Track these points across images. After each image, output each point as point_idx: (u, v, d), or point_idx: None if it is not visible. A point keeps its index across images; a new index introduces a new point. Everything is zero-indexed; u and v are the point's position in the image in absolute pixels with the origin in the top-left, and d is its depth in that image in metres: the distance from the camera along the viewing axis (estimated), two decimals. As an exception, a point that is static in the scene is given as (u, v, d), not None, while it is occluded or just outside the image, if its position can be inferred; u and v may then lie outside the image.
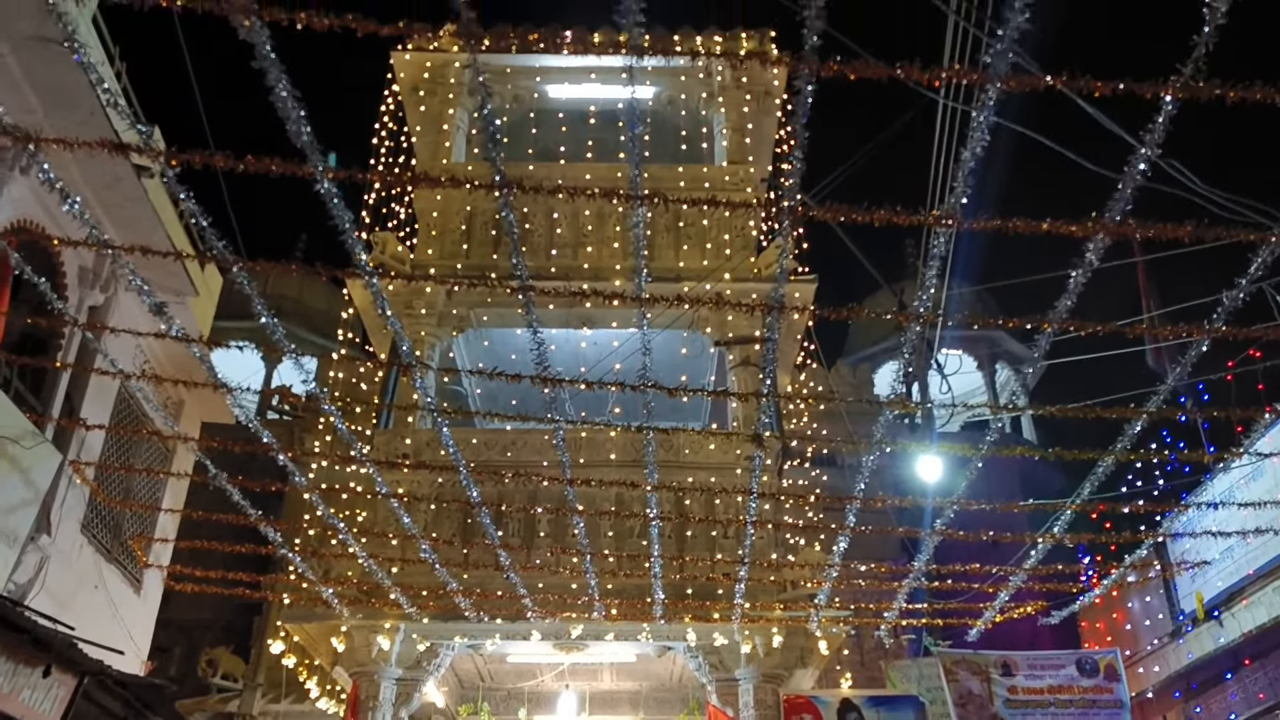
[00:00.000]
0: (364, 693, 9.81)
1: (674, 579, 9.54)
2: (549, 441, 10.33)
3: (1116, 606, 11.14)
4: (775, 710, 9.74)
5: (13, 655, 5.23)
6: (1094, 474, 6.44)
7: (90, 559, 7.78)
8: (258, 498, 7.58)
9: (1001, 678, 9.68)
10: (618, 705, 13.10)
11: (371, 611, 9.69)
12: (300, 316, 16.47)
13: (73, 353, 7.36)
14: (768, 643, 9.80)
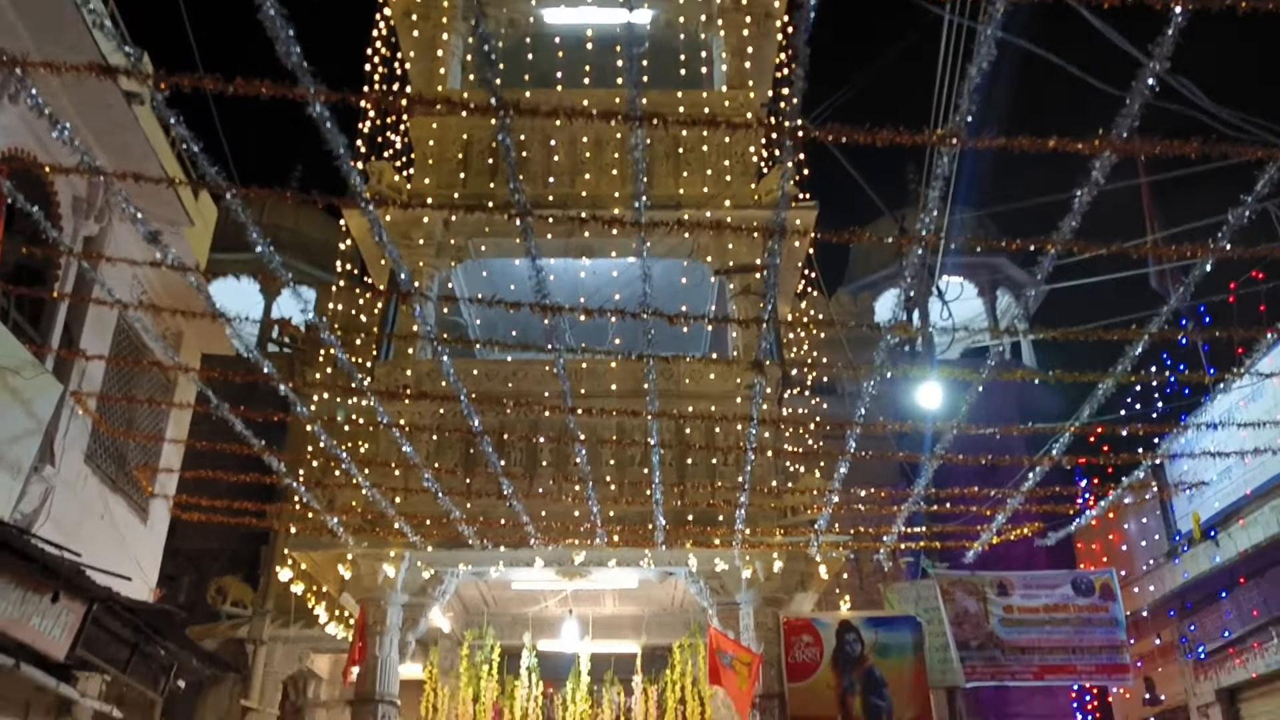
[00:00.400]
0: (371, 618, 9.96)
1: (675, 506, 9.62)
2: (549, 372, 10.35)
3: (1113, 528, 11.26)
4: (775, 632, 9.90)
5: (21, 582, 5.29)
6: (1094, 396, 6.45)
7: (95, 489, 7.83)
8: (260, 428, 7.60)
9: (997, 597, 9.82)
10: (620, 629, 13.32)
11: (376, 540, 9.79)
12: (297, 248, 16.36)
13: (70, 284, 7.32)
14: (768, 567, 9.93)
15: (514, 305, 6.07)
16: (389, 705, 9.70)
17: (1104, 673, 9.55)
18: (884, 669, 9.78)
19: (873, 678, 9.76)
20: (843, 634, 9.94)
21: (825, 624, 10.01)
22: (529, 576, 10.92)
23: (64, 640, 5.88)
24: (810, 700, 9.67)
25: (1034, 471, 7.91)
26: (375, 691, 9.66)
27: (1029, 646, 9.61)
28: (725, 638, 9.81)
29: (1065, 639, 9.60)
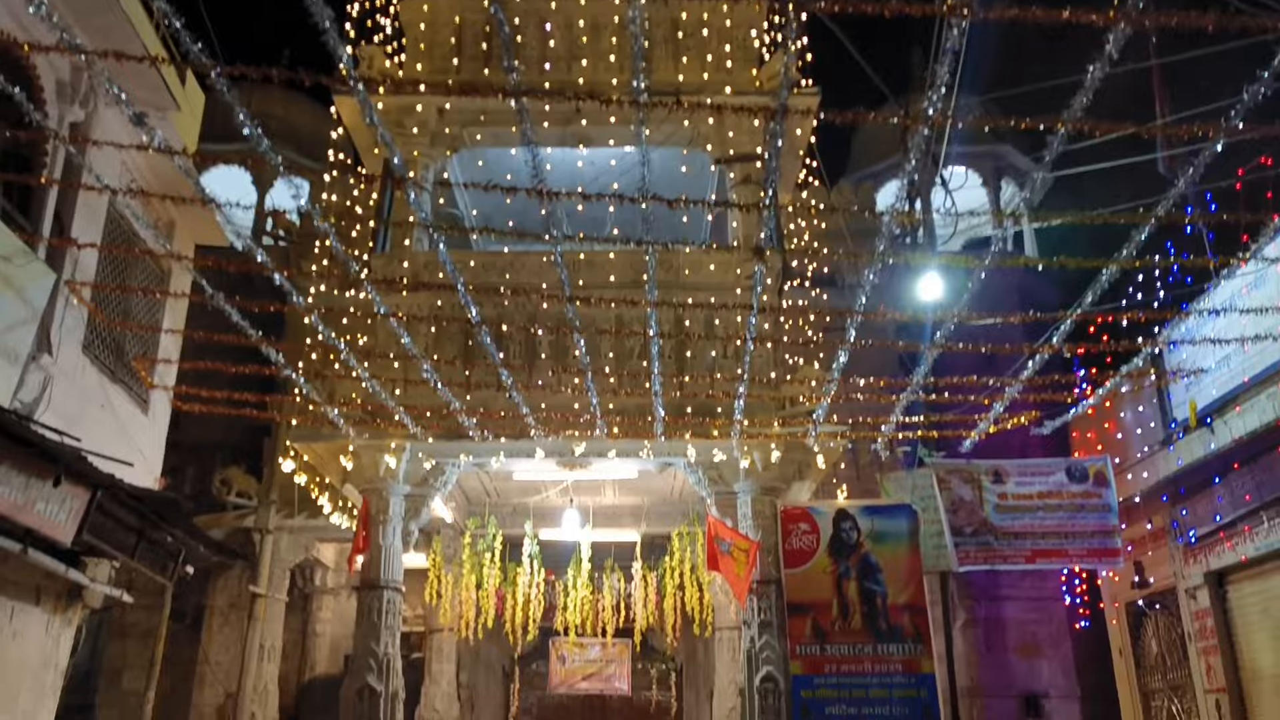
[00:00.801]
0: (374, 508, 10.10)
1: (674, 397, 9.65)
2: (547, 264, 10.27)
3: (1109, 417, 11.34)
4: (773, 521, 10.05)
5: (23, 468, 5.32)
6: (1096, 282, 6.39)
7: (95, 379, 7.83)
8: (257, 319, 7.57)
9: (992, 485, 9.95)
10: (620, 519, 13.53)
11: (377, 432, 9.85)
12: (287, 138, 16.03)
13: (58, 171, 7.18)
14: (766, 458, 10.02)
15: (510, 190, 5.96)
16: (394, 591, 9.90)
17: (1095, 557, 9.74)
18: (879, 555, 9.96)
19: (868, 563, 9.95)
20: (839, 522, 10.09)
21: (822, 512, 10.16)
22: (529, 468, 11.04)
23: (70, 525, 5.96)
24: (806, 585, 9.88)
25: (1033, 360, 7.90)
26: (380, 578, 9.85)
27: (1022, 532, 9.78)
28: (724, 526, 9.95)
29: (1058, 524, 9.77)
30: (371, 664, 9.55)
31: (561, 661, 13.41)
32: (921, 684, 9.55)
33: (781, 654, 9.58)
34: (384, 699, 9.46)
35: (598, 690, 13.76)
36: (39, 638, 7.89)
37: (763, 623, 9.69)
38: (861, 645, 9.67)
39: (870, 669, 9.59)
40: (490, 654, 15.03)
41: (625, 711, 15.35)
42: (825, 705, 9.50)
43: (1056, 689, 13.98)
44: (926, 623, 9.74)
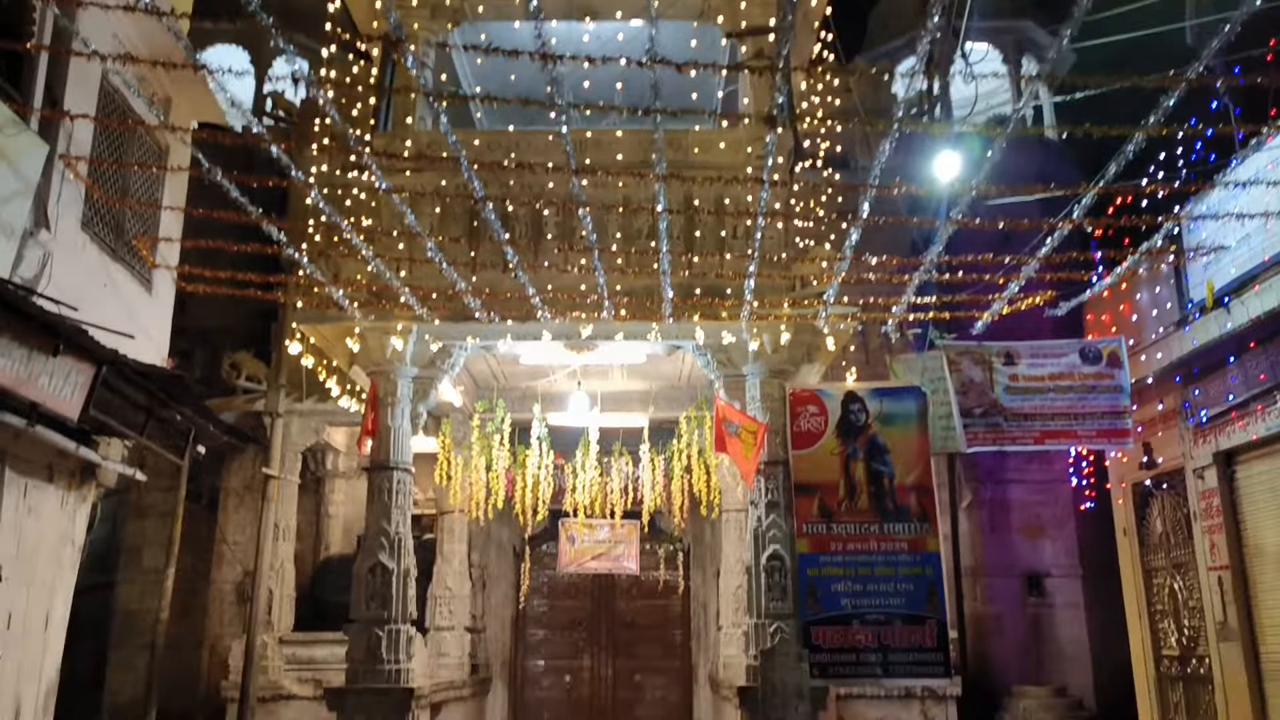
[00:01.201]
0: (382, 390, 10.10)
1: (682, 278, 9.54)
2: (553, 142, 10.02)
3: (1123, 298, 11.19)
4: (781, 403, 10.03)
5: (23, 341, 5.27)
6: (1121, 152, 6.19)
7: (96, 257, 7.74)
8: (258, 196, 7.42)
9: (1004, 367, 9.88)
10: (628, 403, 13.57)
11: (383, 313, 9.78)
12: (282, 15, 15.52)
13: (47, 38, 6.94)
14: (775, 340, 9.94)
15: (513, 54, 5.73)
16: (403, 472, 9.98)
17: (1104, 437, 9.73)
18: (887, 436, 9.97)
19: (876, 445, 9.97)
20: (848, 404, 10.07)
21: (830, 395, 10.13)
22: (537, 351, 11.00)
23: (76, 400, 5.94)
24: (814, 466, 9.92)
25: (1052, 237, 7.73)
26: (389, 459, 9.91)
27: (1032, 413, 9.75)
28: (731, 408, 9.95)
29: (1069, 406, 9.74)
30: (383, 542, 9.69)
31: (571, 542, 13.62)
32: (927, 562, 9.67)
33: (788, 533, 9.68)
34: (396, 576, 9.63)
35: (606, 570, 14.00)
36: (54, 514, 7.99)
37: (770, 503, 9.77)
38: (868, 525, 9.76)
39: (876, 547, 9.70)
40: (501, 535, 15.27)
41: (633, 590, 15.67)
42: (831, 582, 9.64)
43: (1059, 568, 14.21)
44: (933, 503, 9.81)
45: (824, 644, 9.47)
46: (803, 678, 8.91)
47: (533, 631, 15.77)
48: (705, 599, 15.12)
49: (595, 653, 15.63)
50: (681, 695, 15.34)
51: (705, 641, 15.00)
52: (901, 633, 9.49)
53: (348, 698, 9.21)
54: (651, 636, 15.65)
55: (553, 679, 15.51)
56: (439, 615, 12.84)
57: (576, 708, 15.43)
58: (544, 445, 12.36)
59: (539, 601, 15.87)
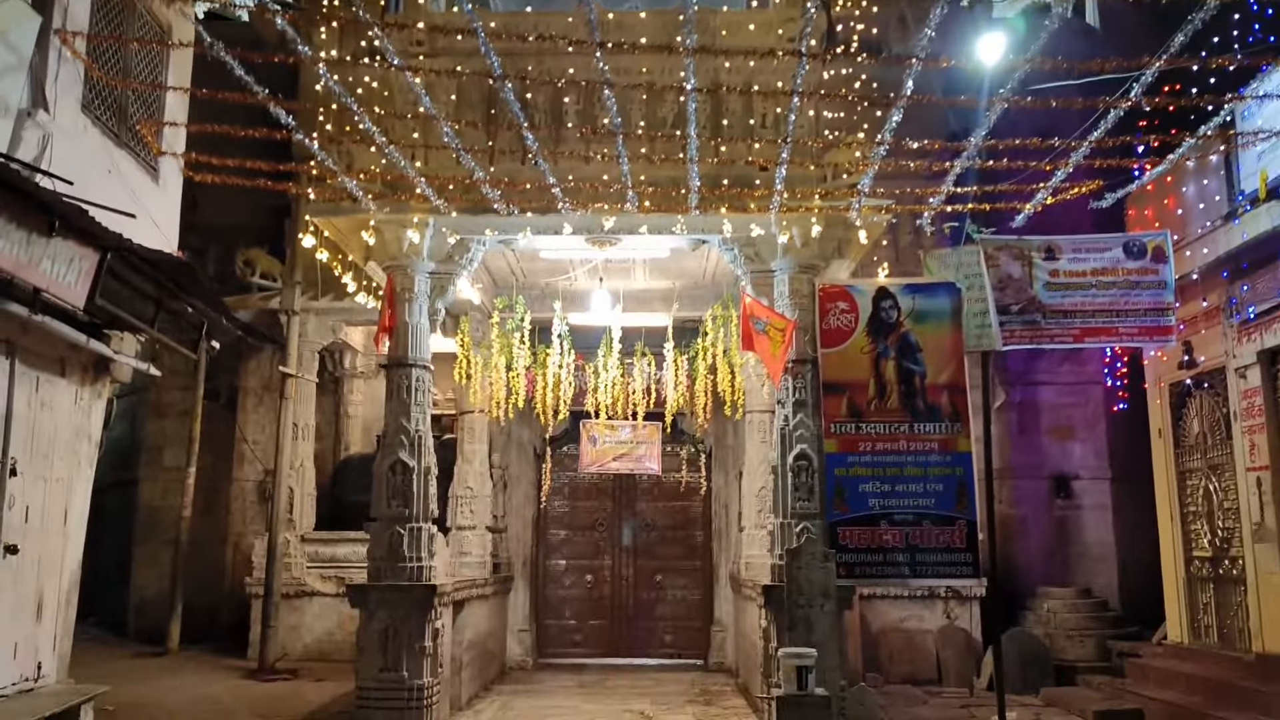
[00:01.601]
0: (399, 285, 9.83)
1: (710, 166, 9.14)
2: (572, 24, 9.54)
3: (1169, 192, 10.72)
4: (810, 300, 9.71)
5: (22, 222, 5.00)
6: (1189, 21, 5.72)
7: (98, 142, 7.41)
8: (266, 78, 7.03)
9: (1044, 262, 9.48)
10: (650, 303, 13.29)
11: (399, 204, 9.45)
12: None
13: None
14: (805, 233, 9.57)
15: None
16: (422, 369, 9.77)
17: (1146, 335, 9.37)
18: (919, 334, 9.66)
19: (907, 343, 9.66)
20: (879, 301, 9.73)
21: (861, 291, 9.79)
22: (557, 246, 10.67)
23: (80, 288, 5.70)
24: (843, 365, 9.63)
25: (1105, 118, 7.28)
26: (408, 356, 9.70)
27: (1072, 310, 9.38)
28: (759, 305, 9.64)
29: (1110, 302, 9.35)
30: (403, 440, 9.54)
31: (592, 443, 13.48)
32: (957, 462, 9.44)
33: (816, 433, 9.46)
34: (416, 474, 9.50)
35: (628, 470, 13.89)
36: (68, 408, 7.84)
37: (797, 402, 9.53)
38: (898, 424, 9.51)
39: (906, 447, 9.47)
40: (522, 436, 15.17)
41: (654, 491, 15.61)
42: (859, 483, 9.44)
43: (1087, 470, 14.03)
44: (965, 402, 9.54)
45: (851, 544, 9.31)
46: (829, 577, 8.76)
47: (554, 531, 15.79)
48: (727, 500, 15.05)
49: (616, 553, 15.66)
50: (703, 595, 15.39)
51: (727, 542, 14.99)
52: (930, 533, 9.31)
53: (370, 594, 9.17)
54: (673, 537, 15.65)
55: (574, 578, 15.58)
56: (460, 515, 12.80)
57: (598, 606, 15.53)
58: (565, 344, 12.12)
59: (560, 502, 15.85)
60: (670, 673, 14.26)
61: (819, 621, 8.70)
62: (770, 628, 9.15)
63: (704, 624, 15.25)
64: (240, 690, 11.06)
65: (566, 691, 12.59)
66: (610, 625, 15.49)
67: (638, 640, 15.41)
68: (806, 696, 7.38)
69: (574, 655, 15.30)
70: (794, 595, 8.75)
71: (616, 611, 15.50)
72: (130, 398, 15.26)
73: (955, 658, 12.62)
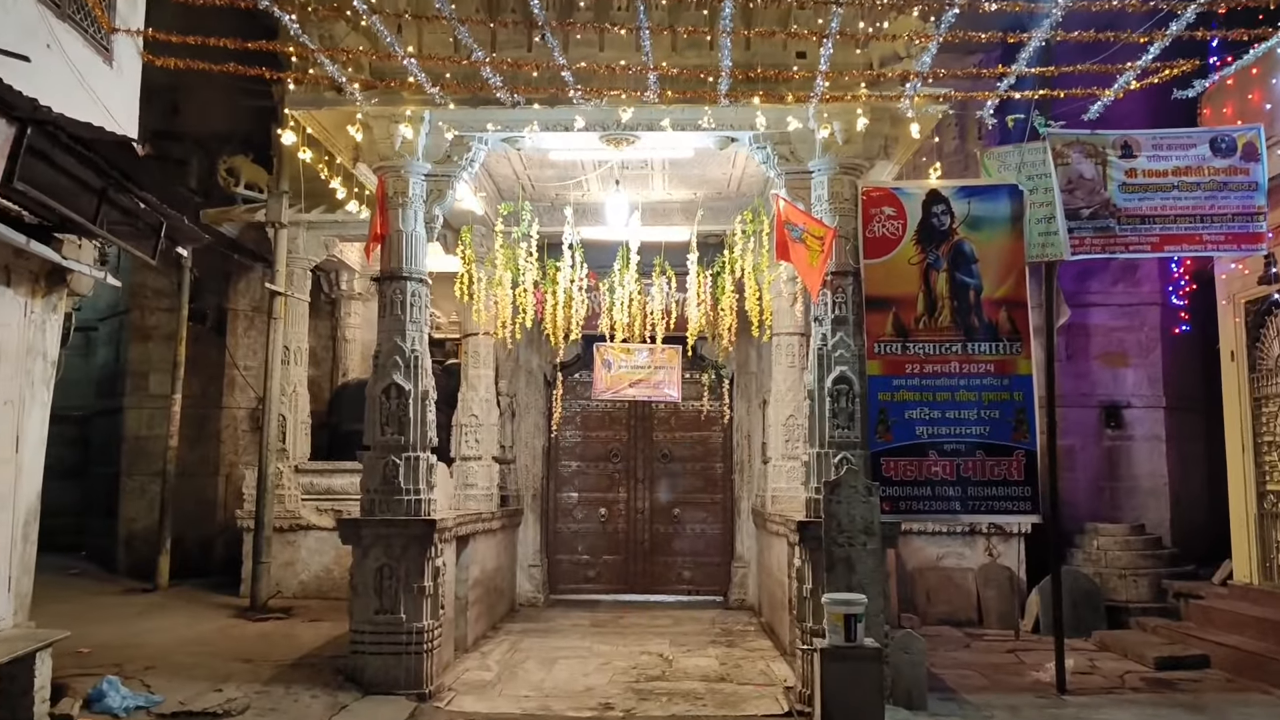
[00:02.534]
0: (391, 189, 8.79)
1: (742, 53, 8.04)
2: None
3: (1253, 86, 9.55)
4: (853, 204, 8.64)
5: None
6: None
7: (33, 10, 6.35)
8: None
9: (1120, 160, 8.39)
10: (670, 215, 12.24)
11: (389, 94, 8.38)
12: None
13: None
14: (848, 128, 8.45)
15: None
16: (418, 283, 8.77)
17: (1233, 242, 8.31)
18: (974, 243, 8.61)
19: (961, 253, 8.62)
20: (930, 205, 8.67)
21: (910, 194, 8.72)
22: (568, 145, 9.58)
23: (-10, 166, 4.71)
24: (888, 277, 8.61)
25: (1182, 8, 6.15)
26: (402, 268, 8.70)
27: (1150, 214, 8.31)
28: (796, 209, 8.57)
29: (1194, 205, 8.28)
30: (398, 361, 8.58)
31: (607, 367, 12.51)
32: (1016, 386, 8.45)
33: (857, 353, 8.45)
34: (413, 398, 8.56)
35: (645, 397, 12.93)
36: (18, 323, 6.91)
37: (837, 319, 8.51)
38: (949, 344, 8.51)
39: (958, 370, 8.49)
40: (531, 362, 14.24)
41: (672, 421, 14.72)
42: (905, 409, 8.48)
43: (1140, 398, 13.03)
44: (1026, 320, 8.51)
45: (895, 477, 8.39)
46: (872, 512, 7.85)
47: (565, 463, 14.94)
48: (749, 430, 14.15)
49: (631, 485, 14.82)
50: (723, 530, 14.58)
51: (749, 474, 14.12)
52: (984, 465, 8.37)
53: (363, 530, 8.29)
54: (691, 469, 14.79)
55: (587, 511, 14.77)
56: (465, 445, 11.92)
57: (612, 541, 14.74)
58: (576, 256, 11.06)
59: (572, 432, 14.98)
60: (689, 610, 13.51)
61: (861, 561, 7.83)
62: (805, 568, 8.27)
63: (724, 560, 14.47)
64: (229, 630, 10.29)
65: (580, 631, 11.83)
66: (625, 561, 14.72)
67: (654, 576, 14.66)
68: (855, 648, 6.52)
69: (587, 592, 14.57)
70: (833, 533, 7.86)
71: (632, 546, 14.72)
72: (113, 320, 14.36)
73: (997, 598, 11.78)
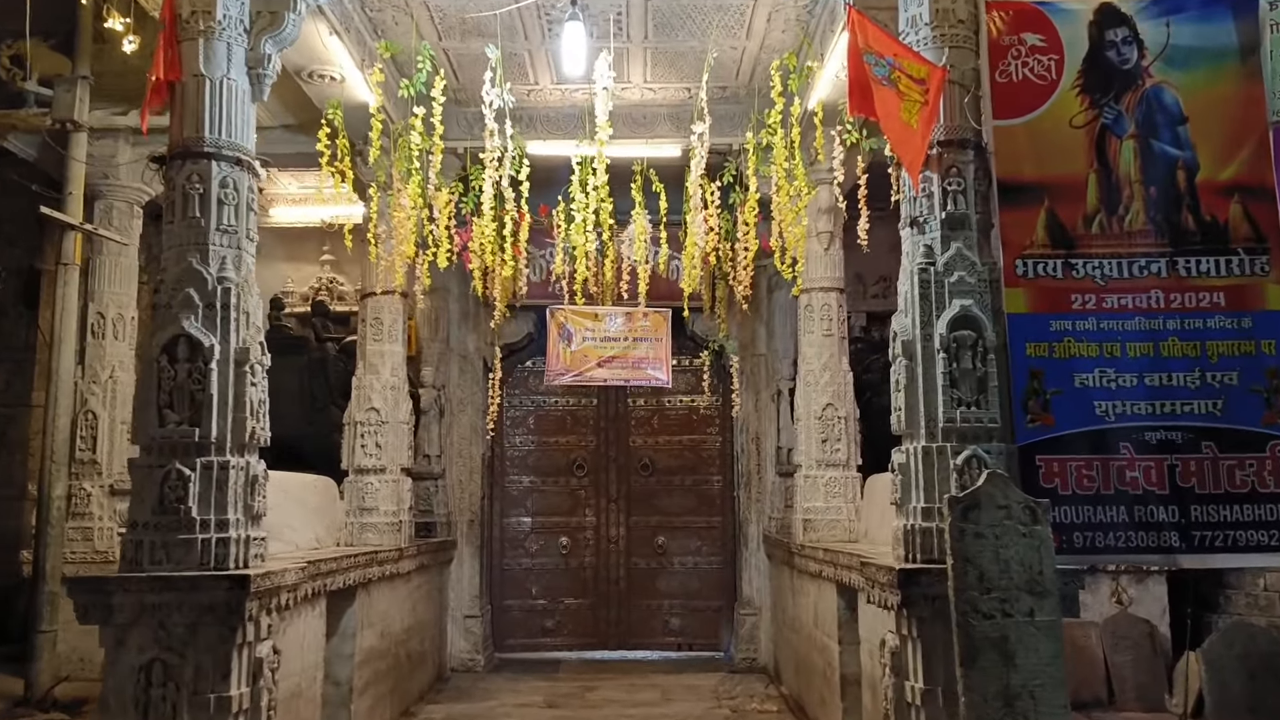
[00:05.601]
0: (184, 5, 5.12)
1: None
2: None
3: None
4: (972, 28, 5.09)
5: None
6: None
7: None
8: None
9: None
10: (653, 124, 8.91)
11: None
12: None
13: None
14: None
15: None
16: (233, 166, 5.08)
17: None
18: (1181, 91, 5.10)
19: (1159, 106, 5.11)
20: (1103, 27, 5.16)
21: (1069, 12, 5.18)
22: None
23: None
24: (1036, 148, 5.08)
25: None
26: (203, 139, 5.02)
27: None
28: (880, 31, 5.01)
29: None
30: (193, 297, 4.88)
31: (566, 340, 8.80)
32: (1264, 329, 4.91)
33: (988, 279, 4.88)
34: (220, 360, 4.87)
35: (621, 381, 9.22)
36: None
37: (951, 220, 4.92)
38: (1146, 258, 4.98)
39: (1161, 303, 4.95)
40: (465, 344, 10.62)
41: (654, 420, 11.19)
42: (1073, 370, 4.91)
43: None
44: (1275, 218, 4.99)
45: (1061, 488, 4.81)
46: (1041, 555, 4.30)
47: (514, 478, 11.31)
48: (759, 430, 10.57)
49: (602, 506, 11.23)
50: (723, 564, 11.00)
51: (758, 490, 10.57)
52: (1215, 468, 4.81)
53: (116, 596, 4.54)
54: (681, 484, 11.24)
55: (543, 542, 11.16)
56: (360, 452, 8.20)
57: (577, 580, 11.13)
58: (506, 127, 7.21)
59: (523, 438, 11.36)
60: (680, 675, 9.92)
61: (1025, 644, 4.28)
62: (909, 652, 4.68)
63: (725, 605, 10.93)
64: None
65: (530, 709, 8.20)
66: (594, 607, 11.11)
67: (633, 627, 11.09)
68: None
69: (545, 648, 10.98)
70: (969, 591, 4.29)
71: (603, 588, 11.11)
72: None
73: (1134, 664, 8.17)
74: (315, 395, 9.16)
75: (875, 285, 10.78)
